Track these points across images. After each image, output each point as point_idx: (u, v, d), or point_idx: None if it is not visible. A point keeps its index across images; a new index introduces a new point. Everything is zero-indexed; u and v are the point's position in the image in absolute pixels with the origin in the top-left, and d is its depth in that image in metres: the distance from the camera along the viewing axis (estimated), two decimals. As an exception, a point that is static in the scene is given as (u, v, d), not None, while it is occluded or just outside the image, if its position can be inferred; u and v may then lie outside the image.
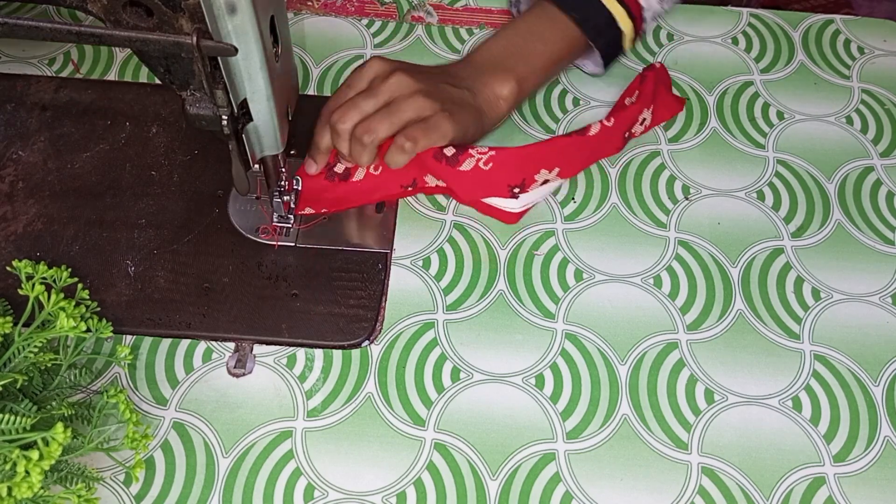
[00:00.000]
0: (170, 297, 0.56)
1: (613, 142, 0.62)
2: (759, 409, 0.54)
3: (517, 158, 0.57)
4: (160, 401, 0.53)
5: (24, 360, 0.46)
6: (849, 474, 0.52)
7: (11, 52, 0.69)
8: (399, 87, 0.56)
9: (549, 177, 0.59)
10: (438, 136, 0.56)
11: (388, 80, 0.56)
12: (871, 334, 0.57)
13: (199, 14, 0.40)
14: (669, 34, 0.72)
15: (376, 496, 0.50)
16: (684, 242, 0.61)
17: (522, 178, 0.58)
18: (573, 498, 0.50)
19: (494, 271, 0.59)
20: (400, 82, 0.56)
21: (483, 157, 0.57)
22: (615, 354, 0.56)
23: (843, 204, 0.63)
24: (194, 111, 0.46)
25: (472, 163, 0.57)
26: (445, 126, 0.56)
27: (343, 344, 0.55)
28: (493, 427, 0.53)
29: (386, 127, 0.55)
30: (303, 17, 0.72)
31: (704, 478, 0.51)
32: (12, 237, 0.58)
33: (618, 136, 0.62)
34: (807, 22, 0.74)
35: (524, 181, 0.58)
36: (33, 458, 0.40)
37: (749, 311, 0.58)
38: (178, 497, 0.50)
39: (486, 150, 0.57)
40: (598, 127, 0.60)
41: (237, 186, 0.52)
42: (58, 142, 0.63)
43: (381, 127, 0.55)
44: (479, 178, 0.57)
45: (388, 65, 0.58)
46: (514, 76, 0.61)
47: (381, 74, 0.57)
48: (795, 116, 0.68)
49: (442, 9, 0.73)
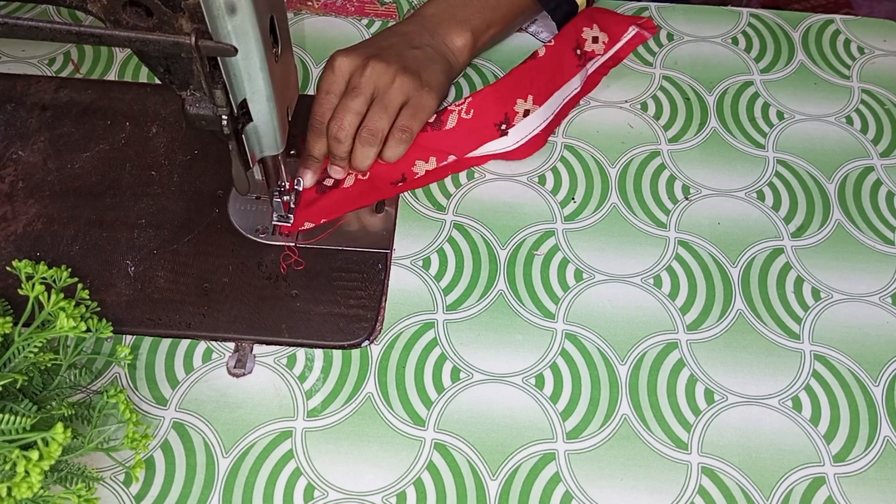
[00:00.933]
0: (170, 297, 0.56)
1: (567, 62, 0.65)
2: (759, 409, 0.54)
3: (493, 94, 0.61)
4: (160, 401, 0.53)
5: (24, 360, 0.46)
6: (849, 474, 0.52)
7: (11, 52, 0.69)
8: (379, 76, 0.57)
9: (527, 106, 0.62)
10: (426, 114, 0.59)
11: (364, 73, 0.57)
12: (871, 334, 0.57)
13: (199, 14, 0.40)
14: (669, 34, 0.72)
15: (376, 496, 0.50)
16: (684, 242, 0.61)
17: (504, 111, 0.61)
18: (573, 498, 0.50)
19: (494, 271, 0.59)
20: (377, 71, 0.57)
21: (462, 106, 0.60)
22: (615, 354, 0.56)
23: (843, 204, 0.63)
24: (194, 111, 0.46)
25: (455, 118, 0.60)
26: (429, 102, 0.59)
27: (343, 344, 0.55)
28: (493, 427, 0.53)
29: (386, 122, 0.57)
30: (303, 17, 0.72)
31: (704, 478, 0.51)
32: (12, 237, 0.58)
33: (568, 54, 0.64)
34: (807, 22, 0.74)
35: (507, 115, 0.61)
36: (33, 458, 0.40)
37: (749, 311, 0.58)
38: (178, 497, 0.50)
39: (461, 100, 0.60)
40: (545, 49, 0.64)
41: (237, 186, 0.52)
42: (58, 142, 0.63)
43: (384, 124, 0.57)
44: (467, 128, 0.60)
45: (355, 56, 0.58)
46: (468, 27, 0.63)
47: (355, 70, 0.58)
48: (795, 116, 0.68)
49: (442, 9, 0.73)
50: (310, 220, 0.59)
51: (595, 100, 0.68)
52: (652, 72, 0.70)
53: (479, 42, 0.64)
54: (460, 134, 0.60)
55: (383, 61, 0.58)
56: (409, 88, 0.58)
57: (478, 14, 0.64)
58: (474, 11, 0.63)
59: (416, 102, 0.58)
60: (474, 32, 0.63)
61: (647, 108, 0.67)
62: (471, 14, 0.63)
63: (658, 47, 0.71)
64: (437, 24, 0.63)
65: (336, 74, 0.58)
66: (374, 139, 0.57)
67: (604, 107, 0.68)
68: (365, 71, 0.57)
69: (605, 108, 0.67)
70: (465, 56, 0.64)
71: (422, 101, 0.58)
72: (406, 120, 0.58)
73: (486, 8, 0.64)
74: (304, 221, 0.59)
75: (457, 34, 0.63)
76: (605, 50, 0.68)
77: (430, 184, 0.62)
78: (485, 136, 0.61)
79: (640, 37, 0.70)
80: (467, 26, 0.63)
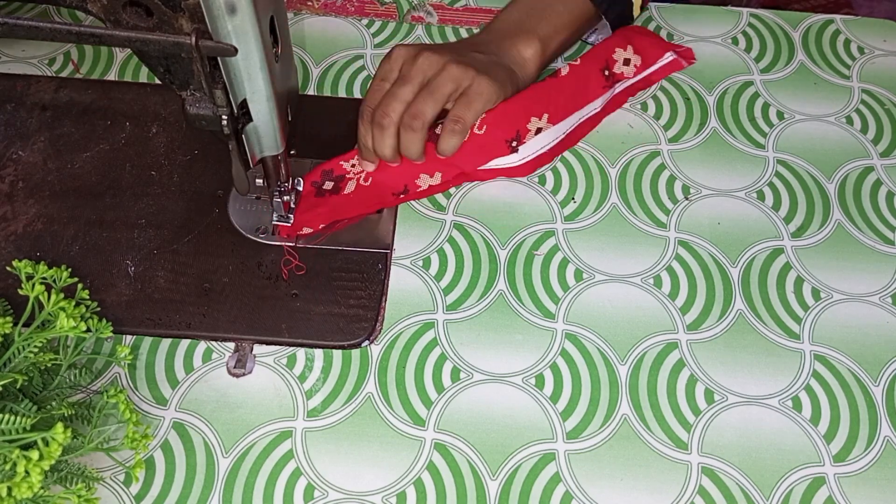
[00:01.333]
0: (170, 297, 0.56)
1: (594, 83, 0.63)
2: (759, 409, 0.54)
3: (506, 112, 0.59)
4: (160, 401, 0.53)
5: (24, 360, 0.46)
6: (849, 474, 0.52)
7: (11, 52, 0.69)
8: (430, 65, 0.57)
9: (540, 124, 0.60)
10: (483, 103, 0.57)
11: (416, 62, 0.57)
12: (871, 334, 0.57)
13: (199, 14, 0.40)
14: (669, 34, 0.72)
15: (376, 496, 0.50)
16: (684, 242, 0.61)
17: (516, 129, 0.60)
18: (573, 498, 0.50)
19: (494, 271, 0.59)
20: (429, 60, 0.57)
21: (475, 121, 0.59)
22: (615, 354, 0.56)
23: (843, 204, 0.63)
24: (194, 111, 0.46)
25: None
26: (487, 89, 0.57)
27: (343, 344, 0.55)
28: (493, 427, 0.53)
29: (431, 106, 0.56)
30: (303, 17, 0.72)
31: (704, 478, 0.51)
32: (12, 237, 0.58)
33: (595, 74, 0.63)
34: (807, 22, 0.74)
35: (518, 132, 0.60)
36: (33, 458, 0.40)
37: (749, 311, 0.58)
38: (178, 497, 0.50)
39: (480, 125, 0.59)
40: (568, 68, 0.63)
41: (237, 186, 0.52)
42: (58, 142, 0.63)
43: (427, 108, 0.56)
44: (477, 144, 0.59)
45: (413, 48, 0.58)
46: (536, 37, 0.62)
47: (407, 59, 0.58)
48: (795, 116, 0.68)
49: (442, 9, 0.73)
50: (308, 226, 0.59)
51: (595, 100, 0.68)
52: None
53: (547, 51, 0.63)
54: (469, 149, 0.59)
55: (438, 53, 0.57)
56: (459, 76, 0.57)
57: (544, 23, 0.63)
58: (540, 20, 0.63)
59: (471, 90, 0.57)
60: (542, 41, 0.62)
61: (647, 108, 0.67)
62: (537, 23, 0.63)
63: (658, 47, 0.71)
64: (504, 35, 0.62)
65: (391, 63, 0.58)
66: (417, 122, 0.56)
67: (604, 107, 0.68)
68: (417, 60, 0.57)
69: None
70: (534, 66, 0.63)
71: (477, 88, 0.57)
72: (458, 109, 0.57)
73: (553, 16, 0.63)
74: (303, 226, 0.59)
75: (525, 45, 0.62)
76: (636, 73, 0.66)
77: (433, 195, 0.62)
78: (494, 153, 0.60)
79: (677, 64, 0.68)
80: (535, 36, 0.62)
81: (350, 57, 0.70)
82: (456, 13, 0.73)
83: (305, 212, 0.59)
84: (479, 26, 0.72)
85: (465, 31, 0.72)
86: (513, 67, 0.61)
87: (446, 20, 0.72)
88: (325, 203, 0.59)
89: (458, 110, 0.57)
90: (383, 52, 0.70)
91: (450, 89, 0.57)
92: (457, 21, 0.72)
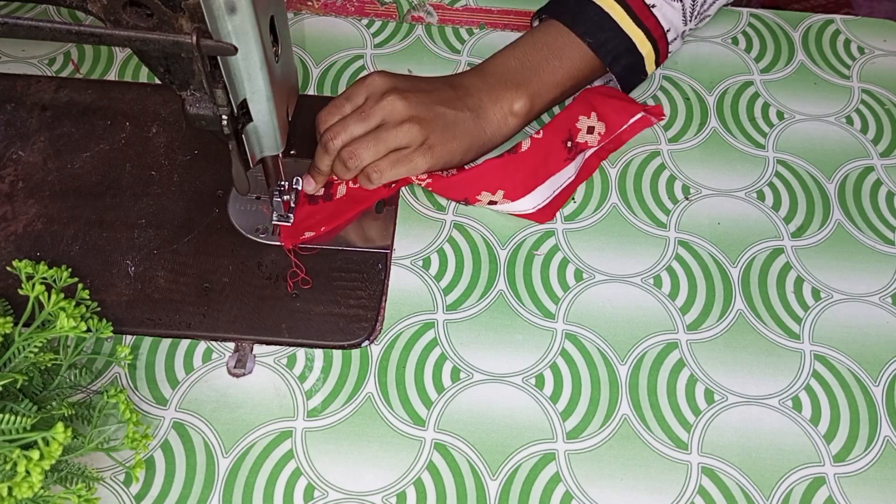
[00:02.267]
0: (170, 297, 0.56)
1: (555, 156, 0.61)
2: (759, 409, 0.54)
3: (447, 185, 0.60)
4: (160, 401, 0.53)
5: (24, 360, 0.46)
6: (849, 474, 0.52)
7: (11, 52, 0.69)
8: (391, 112, 0.56)
9: (493, 198, 0.60)
10: (406, 171, 0.58)
11: (380, 102, 0.56)
12: (871, 334, 0.57)
13: (199, 14, 0.40)
14: (669, 34, 0.72)
15: (376, 496, 0.50)
16: (684, 242, 0.61)
17: (464, 197, 0.60)
18: (573, 498, 0.50)
19: (494, 271, 0.59)
20: (393, 106, 0.56)
21: (421, 183, 0.59)
22: (615, 354, 0.56)
23: (843, 204, 0.63)
24: (194, 111, 0.46)
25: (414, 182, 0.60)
26: (418, 163, 0.57)
27: (343, 344, 0.55)
28: (493, 427, 0.53)
29: (370, 154, 0.56)
30: (303, 17, 0.72)
31: (704, 478, 0.51)
32: (12, 237, 0.58)
33: (556, 146, 0.61)
34: (807, 22, 0.74)
35: (466, 199, 0.60)
36: (33, 458, 0.40)
37: (749, 311, 0.58)
38: (178, 497, 0.50)
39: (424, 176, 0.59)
40: (529, 142, 0.61)
41: (237, 186, 0.52)
42: (58, 142, 0.63)
43: (366, 154, 0.56)
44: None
45: (388, 82, 0.57)
46: (527, 92, 0.60)
47: (375, 94, 0.57)
48: (795, 116, 0.68)
49: (442, 9, 0.73)
50: (310, 230, 0.59)
51: (595, 100, 0.68)
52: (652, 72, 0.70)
53: (535, 107, 0.61)
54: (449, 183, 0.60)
55: (405, 101, 0.56)
56: (412, 139, 0.56)
57: (537, 79, 0.61)
58: (534, 75, 0.61)
59: (406, 157, 0.57)
60: (532, 98, 0.60)
61: (647, 108, 0.67)
62: (531, 77, 0.61)
63: (658, 47, 0.71)
64: (495, 85, 0.60)
65: (362, 88, 0.58)
66: (351, 161, 0.56)
67: (604, 107, 0.67)
68: (382, 101, 0.56)
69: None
70: (517, 122, 0.61)
71: (410, 157, 0.57)
72: (385, 164, 0.57)
73: (547, 72, 0.61)
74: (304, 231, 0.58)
75: (513, 99, 0.60)
76: (600, 141, 0.63)
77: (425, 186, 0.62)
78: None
79: (646, 121, 0.65)
80: (525, 91, 0.60)
81: (350, 57, 0.70)
82: (456, 13, 0.73)
83: (304, 221, 0.59)
84: (479, 27, 0.72)
85: (464, 31, 0.72)
86: (485, 127, 0.60)
87: (446, 20, 0.72)
88: (321, 210, 0.59)
89: (385, 164, 0.57)
90: (383, 52, 0.70)
91: (395, 145, 0.56)
92: (457, 21, 0.72)
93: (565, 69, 0.62)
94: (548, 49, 0.61)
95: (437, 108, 0.58)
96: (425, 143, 0.57)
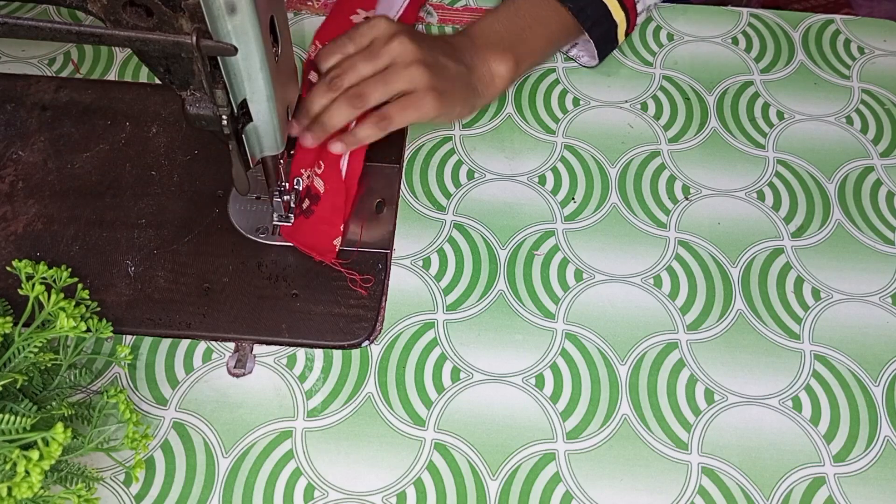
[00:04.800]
0: (170, 297, 0.56)
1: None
2: (759, 409, 0.54)
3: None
4: (160, 401, 0.53)
5: (24, 360, 0.46)
6: (849, 474, 0.52)
7: (11, 52, 0.69)
8: (401, 53, 0.56)
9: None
10: (418, 115, 0.56)
11: (390, 44, 0.56)
12: (871, 334, 0.57)
13: (199, 14, 0.40)
14: (669, 34, 0.72)
15: (376, 496, 0.50)
16: (684, 242, 0.61)
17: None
18: (573, 498, 0.50)
19: (494, 271, 0.59)
20: (403, 47, 0.56)
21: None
22: (615, 354, 0.56)
23: (843, 204, 0.63)
24: (194, 111, 0.46)
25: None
26: (429, 105, 0.56)
27: (343, 344, 0.55)
28: (493, 427, 0.53)
29: (379, 95, 0.55)
30: (303, 17, 0.72)
31: (704, 478, 0.51)
32: (12, 237, 0.58)
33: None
34: (807, 22, 0.74)
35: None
36: (33, 458, 0.40)
37: (749, 311, 0.58)
38: (178, 497, 0.50)
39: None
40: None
41: (237, 186, 0.52)
42: (58, 142, 0.63)
43: (375, 94, 0.55)
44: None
45: (393, 27, 0.57)
46: (513, 56, 0.62)
47: (382, 36, 0.56)
48: (795, 116, 0.68)
49: (442, 9, 0.73)
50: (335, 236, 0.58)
51: (595, 100, 0.68)
52: (652, 72, 0.70)
53: (521, 69, 0.63)
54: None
55: (414, 44, 0.56)
56: (418, 80, 0.56)
57: (523, 44, 0.63)
58: (520, 40, 0.63)
59: (416, 100, 0.56)
60: (518, 61, 0.62)
61: (647, 108, 0.67)
62: (516, 42, 0.62)
63: (658, 47, 0.71)
64: (482, 46, 0.62)
65: (365, 31, 0.57)
66: (358, 101, 0.54)
67: (604, 107, 0.68)
68: (391, 42, 0.56)
69: (605, 108, 0.67)
70: (503, 82, 0.62)
71: (420, 98, 0.56)
72: (394, 109, 0.56)
73: (532, 38, 0.63)
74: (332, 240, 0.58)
75: (500, 62, 0.62)
76: None
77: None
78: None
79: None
80: (511, 55, 0.62)
81: (350, 57, 0.70)
82: (456, 13, 0.73)
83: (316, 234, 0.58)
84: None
85: (465, 31, 0.72)
86: (477, 85, 0.61)
87: (446, 20, 0.72)
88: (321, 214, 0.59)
89: (393, 109, 0.56)
90: (383, 52, 0.70)
91: (403, 87, 0.56)
92: (457, 21, 0.72)
93: (546, 36, 0.64)
94: (531, 17, 0.64)
95: (441, 58, 0.58)
96: (434, 87, 0.56)
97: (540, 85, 0.68)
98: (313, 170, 0.59)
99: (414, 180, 0.63)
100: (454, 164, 0.64)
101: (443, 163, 0.64)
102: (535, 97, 0.68)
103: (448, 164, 0.64)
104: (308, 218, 0.59)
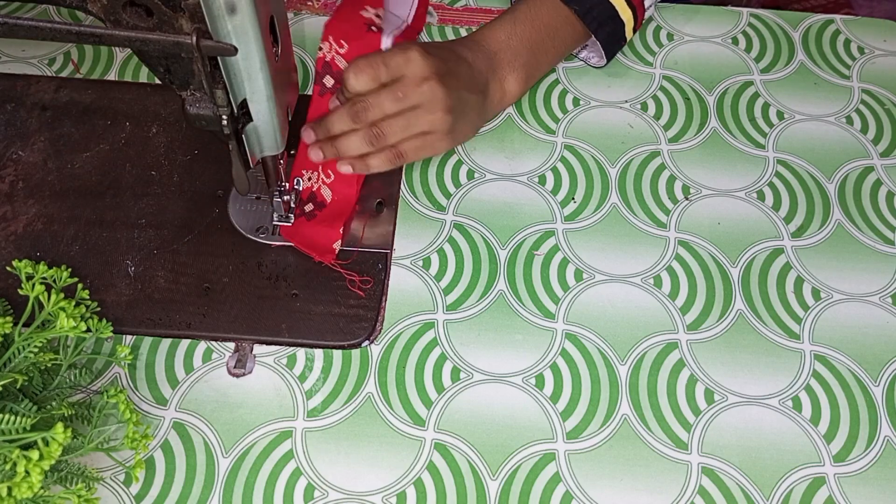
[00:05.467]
0: (170, 297, 0.56)
1: None
2: (759, 409, 0.54)
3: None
4: (160, 401, 0.53)
5: (24, 360, 0.46)
6: (849, 474, 0.52)
7: (11, 52, 0.69)
8: (430, 100, 0.55)
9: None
10: (431, 154, 0.59)
11: (420, 87, 0.55)
12: (871, 334, 0.57)
13: (199, 14, 0.40)
14: (669, 34, 0.72)
15: (376, 496, 0.50)
16: (684, 242, 0.61)
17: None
18: (573, 498, 0.50)
19: (494, 271, 0.59)
20: (433, 94, 0.55)
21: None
22: (615, 354, 0.56)
23: (843, 204, 0.63)
24: (194, 111, 0.46)
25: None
26: (444, 147, 0.58)
27: (343, 344, 0.55)
28: (493, 427, 0.53)
29: (399, 137, 0.56)
30: (303, 17, 0.72)
31: (704, 478, 0.51)
32: (12, 237, 0.58)
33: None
34: (807, 22, 0.74)
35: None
36: (33, 458, 0.40)
37: (749, 311, 0.58)
38: (178, 497, 0.50)
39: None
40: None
41: (237, 186, 0.52)
42: (58, 142, 0.63)
43: (395, 136, 0.56)
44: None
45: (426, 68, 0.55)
46: (525, 73, 0.63)
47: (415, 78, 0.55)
48: (795, 116, 0.68)
49: (442, 9, 0.73)
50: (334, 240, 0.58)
51: (595, 100, 0.68)
52: (652, 72, 0.70)
53: (529, 84, 0.65)
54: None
55: (445, 88, 0.55)
56: (440, 127, 0.56)
57: (535, 60, 0.63)
58: (534, 55, 0.63)
59: (434, 141, 0.57)
60: (528, 76, 0.64)
61: (647, 108, 0.67)
62: (531, 59, 0.63)
63: (658, 47, 0.71)
64: (500, 64, 0.62)
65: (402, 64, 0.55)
66: (377, 141, 0.55)
67: (604, 107, 0.68)
68: (423, 85, 0.55)
69: (605, 108, 0.67)
70: (512, 100, 0.64)
71: (438, 145, 0.57)
72: (409, 148, 0.56)
73: (546, 52, 0.64)
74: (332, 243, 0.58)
75: (515, 79, 0.63)
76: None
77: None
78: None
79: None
80: (524, 72, 0.63)
81: (350, 57, 0.70)
82: (456, 13, 0.73)
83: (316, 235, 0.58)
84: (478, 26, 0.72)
85: (464, 31, 0.72)
86: (488, 108, 0.62)
87: (446, 20, 0.72)
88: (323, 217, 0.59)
89: (408, 146, 0.56)
90: (383, 52, 0.70)
91: (425, 129, 0.56)
92: (457, 21, 0.72)
93: (557, 48, 0.65)
94: (545, 30, 0.64)
95: (464, 95, 0.58)
96: (452, 130, 0.58)
97: (540, 85, 0.68)
98: (321, 178, 0.60)
99: (414, 180, 0.63)
100: (454, 164, 0.64)
101: (443, 163, 0.64)
102: (535, 97, 0.68)
103: (448, 164, 0.64)
104: (309, 220, 0.59)
